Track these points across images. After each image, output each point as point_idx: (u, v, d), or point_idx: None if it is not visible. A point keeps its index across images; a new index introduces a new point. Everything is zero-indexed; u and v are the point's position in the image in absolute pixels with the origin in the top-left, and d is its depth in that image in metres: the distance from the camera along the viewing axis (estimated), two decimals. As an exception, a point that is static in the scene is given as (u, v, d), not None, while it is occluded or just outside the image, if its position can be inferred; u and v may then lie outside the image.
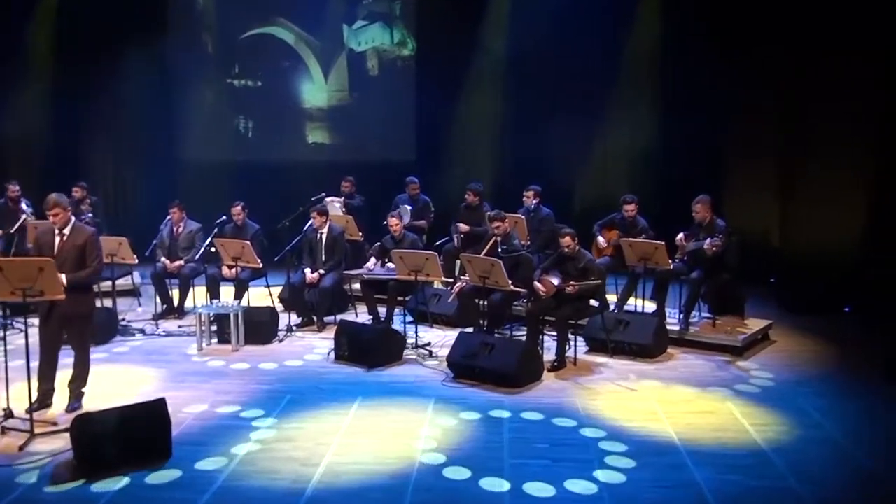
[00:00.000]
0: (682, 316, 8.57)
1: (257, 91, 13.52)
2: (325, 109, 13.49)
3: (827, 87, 10.26)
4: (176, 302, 9.81)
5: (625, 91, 11.93)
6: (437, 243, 10.19)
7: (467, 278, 8.31)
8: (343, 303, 9.90)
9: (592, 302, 8.07)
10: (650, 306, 9.08)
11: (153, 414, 5.87)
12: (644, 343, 8.11)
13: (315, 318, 9.27)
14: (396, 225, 9.11)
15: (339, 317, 9.28)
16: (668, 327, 8.47)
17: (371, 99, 13.29)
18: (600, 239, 9.32)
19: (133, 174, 13.39)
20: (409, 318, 8.96)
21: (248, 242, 9.24)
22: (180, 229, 9.83)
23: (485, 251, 8.46)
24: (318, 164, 12.99)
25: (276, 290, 10.04)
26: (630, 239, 8.78)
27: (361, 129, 13.28)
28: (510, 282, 7.95)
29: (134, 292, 10.52)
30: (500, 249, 8.40)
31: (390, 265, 8.78)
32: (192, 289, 9.80)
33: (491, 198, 10.91)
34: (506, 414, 6.71)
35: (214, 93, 13.48)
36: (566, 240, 7.75)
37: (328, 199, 10.66)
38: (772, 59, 10.93)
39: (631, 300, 9.15)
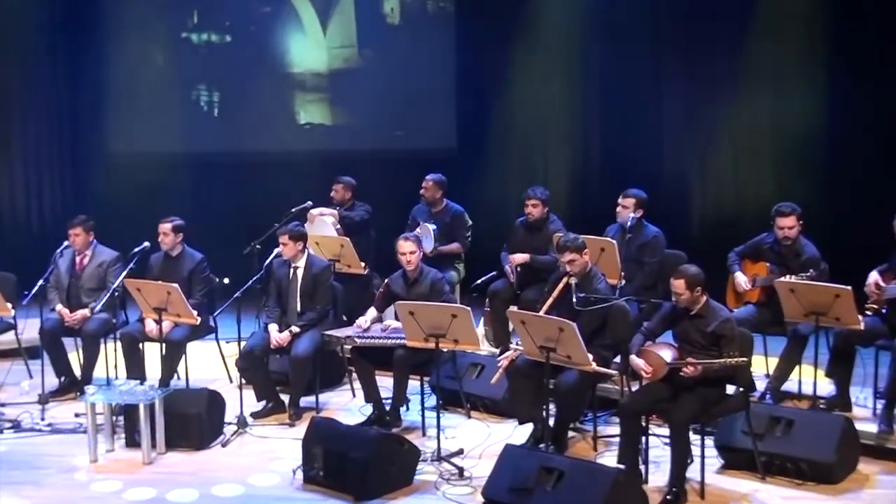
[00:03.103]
0: (883, 408, 7.40)
1: (225, 50, 13.09)
2: (323, 75, 13.07)
3: None
4: (79, 372, 8.88)
5: (768, 50, 11.38)
6: (479, 281, 9.40)
7: (521, 346, 7.26)
8: (335, 372, 9.01)
9: (729, 388, 6.95)
10: (825, 386, 8.06)
11: None
12: (821, 459, 6.87)
13: (287, 402, 8.33)
14: (411, 254, 8.08)
15: (325, 397, 8.58)
16: (857, 426, 7.29)
17: (390, 59, 12.82)
18: (740, 277, 8.32)
19: (43, 176, 12.98)
20: (431, 400, 8.09)
21: (176, 286, 8.22)
22: (86, 260, 8.98)
23: (550, 301, 7.39)
24: (314, 155, 12.51)
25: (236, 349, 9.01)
26: (791, 280, 7.74)
27: (376, 104, 12.68)
28: (591, 357, 6.87)
29: (19, 354, 9.43)
30: (574, 298, 7.27)
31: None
32: (103, 351, 8.85)
33: (565, 209, 10.63)
34: None
35: (164, 53, 13.04)
36: (679, 285, 6.75)
37: (315, 212, 9.91)
38: None
39: (794, 375, 8.09)
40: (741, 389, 6.98)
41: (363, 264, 9.54)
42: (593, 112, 12.14)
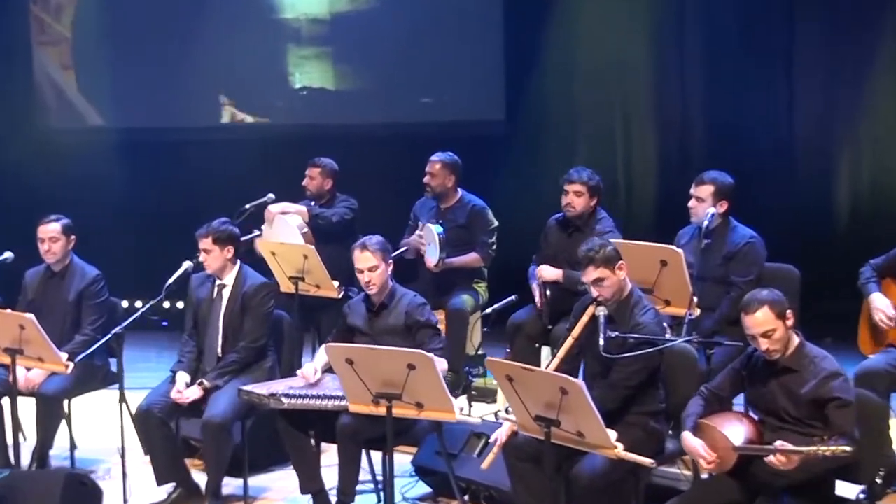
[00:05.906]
0: None
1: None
2: (324, 22, 12.84)
3: None
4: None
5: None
6: (490, 309, 9.08)
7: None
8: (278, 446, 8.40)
9: (842, 486, 6.26)
10: None
11: None
12: None
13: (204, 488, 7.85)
14: (371, 271, 7.45)
15: (265, 480, 8.14)
16: None
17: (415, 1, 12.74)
18: (878, 300, 7.64)
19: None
20: (417, 488, 7.96)
21: (31, 317, 7.67)
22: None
23: (570, 343, 6.82)
24: (313, 132, 12.42)
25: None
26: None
27: (395, 62, 12.54)
28: (614, 435, 6.11)
29: None
30: (601, 337, 6.59)
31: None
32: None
33: (652, 207, 11.32)
34: None
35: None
36: (762, 319, 6.09)
37: (276, 209, 9.68)
38: None
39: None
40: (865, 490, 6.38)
41: (337, 284, 9.00)
42: (693, 68, 11.80)
